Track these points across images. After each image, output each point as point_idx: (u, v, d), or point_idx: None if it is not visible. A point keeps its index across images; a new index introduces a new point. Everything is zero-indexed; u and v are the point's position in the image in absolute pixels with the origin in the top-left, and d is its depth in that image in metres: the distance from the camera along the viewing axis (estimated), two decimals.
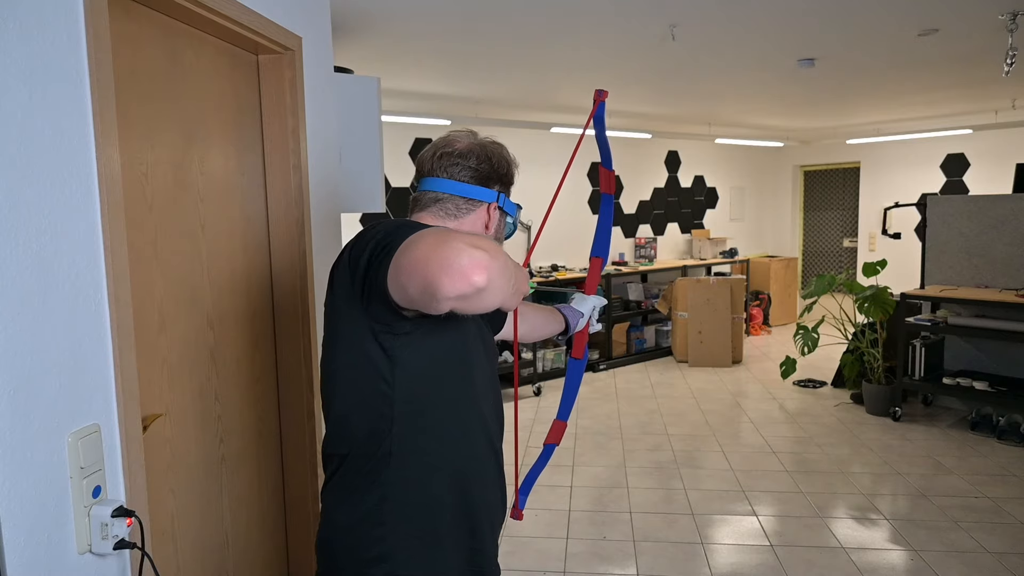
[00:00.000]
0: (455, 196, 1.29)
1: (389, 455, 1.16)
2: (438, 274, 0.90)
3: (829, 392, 5.85)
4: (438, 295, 0.91)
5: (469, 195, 1.29)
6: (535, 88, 5.21)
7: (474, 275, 0.89)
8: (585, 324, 1.76)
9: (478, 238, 0.96)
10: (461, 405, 1.24)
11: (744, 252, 9.13)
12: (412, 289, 0.97)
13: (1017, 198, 5.01)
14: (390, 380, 1.14)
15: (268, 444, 2.13)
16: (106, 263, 1.28)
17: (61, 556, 1.18)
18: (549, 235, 7.14)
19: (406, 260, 0.97)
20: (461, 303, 0.93)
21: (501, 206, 1.33)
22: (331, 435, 1.23)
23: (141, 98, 1.56)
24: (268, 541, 2.14)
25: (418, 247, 0.97)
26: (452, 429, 1.22)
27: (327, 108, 2.36)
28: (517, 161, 1.39)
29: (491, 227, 1.33)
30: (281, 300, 2.13)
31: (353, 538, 1.18)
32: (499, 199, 1.32)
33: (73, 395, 1.21)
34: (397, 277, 0.99)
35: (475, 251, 0.91)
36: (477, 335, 1.29)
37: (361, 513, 1.17)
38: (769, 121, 7.48)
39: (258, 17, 1.85)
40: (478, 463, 1.27)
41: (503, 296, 0.96)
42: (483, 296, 0.92)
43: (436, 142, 1.33)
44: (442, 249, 0.92)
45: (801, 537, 3.32)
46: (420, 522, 1.18)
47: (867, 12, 3.39)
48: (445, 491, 1.21)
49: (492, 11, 3.25)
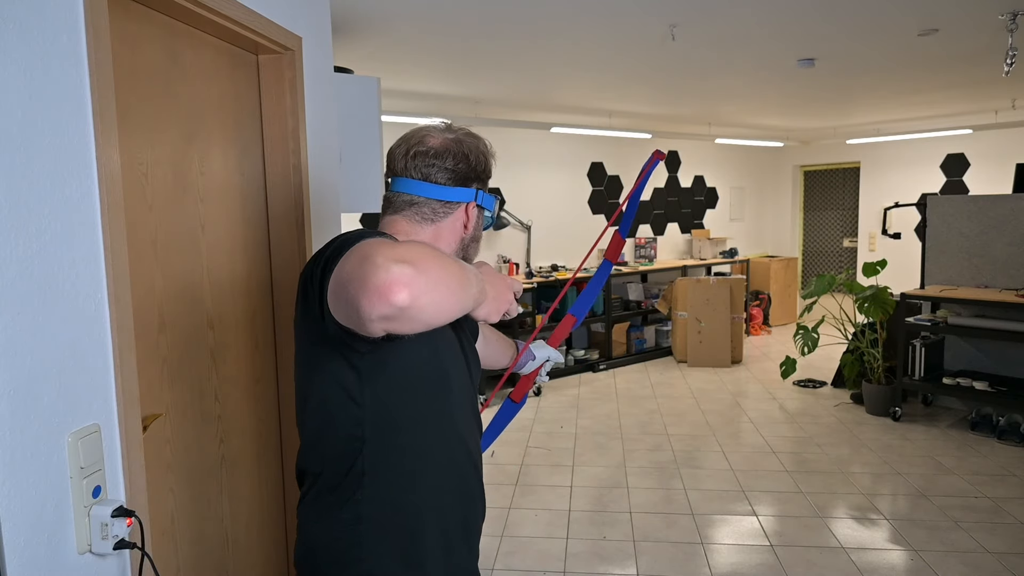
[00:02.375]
0: (431, 200, 1.20)
1: (362, 474, 1.10)
2: (358, 295, 0.83)
3: (829, 392, 5.85)
4: (362, 317, 0.84)
5: (447, 198, 1.20)
6: (535, 88, 5.21)
7: (393, 294, 0.81)
8: (534, 371, 1.67)
9: (409, 248, 0.88)
10: (437, 418, 1.16)
11: (744, 252, 9.13)
12: (341, 312, 0.90)
13: (1017, 198, 5.01)
14: (359, 399, 1.07)
15: (268, 444, 2.13)
16: (106, 263, 1.28)
17: (61, 556, 1.18)
18: (549, 235, 7.14)
19: (334, 280, 0.90)
20: (390, 324, 0.85)
21: (480, 204, 1.24)
22: (304, 451, 1.18)
23: (141, 98, 1.56)
24: (268, 541, 2.14)
25: (343, 266, 0.89)
26: (428, 444, 1.15)
27: (327, 108, 2.35)
28: (493, 150, 1.29)
29: (470, 226, 1.25)
30: (281, 300, 2.13)
31: (332, 557, 1.12)
32: (477, 197, 1.23)
33: (73, 395, 1.21)
34: (332, 299, 0.93)
35: (396, 266, 0.82)
36: (454, 339, 1.22)
37: (338, 532, 1.11)
38: (769, 121, 7.48)
39: (258, 17, 1.85)
40: (456, 477, 1.20)
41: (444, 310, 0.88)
42: (412, 315, 0.84)
43: (408, 136, 1.24)
44: (363, 267, 0.84)
45: (801, 537, 3.32)
46: (398, 541, 1.12)
47: (867, 12, 3.39)
48: (422, 509, 1.14)
49: (492, 11, 3.25)
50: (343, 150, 2.63)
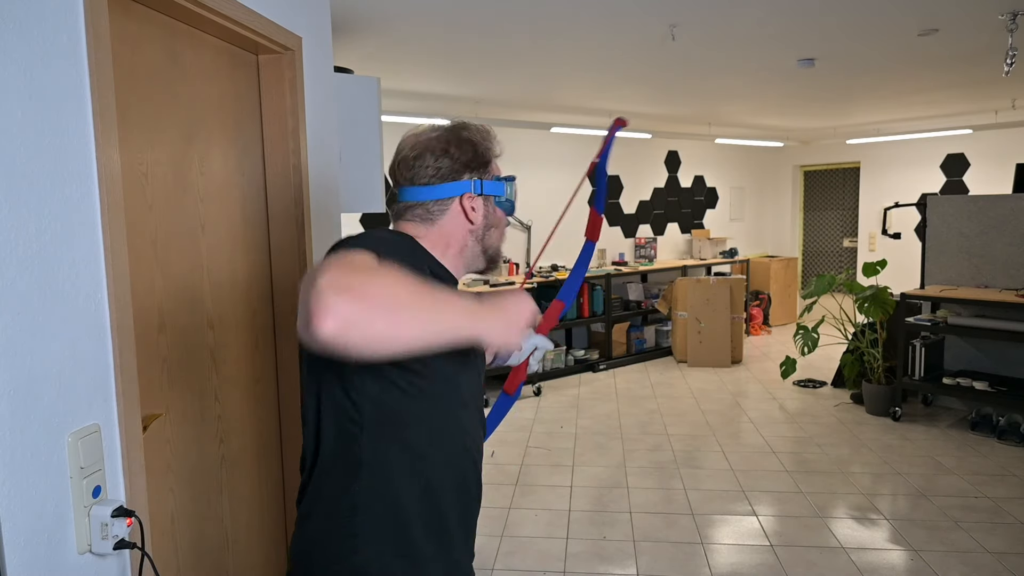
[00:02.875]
0: (425, 201, 1.20)
1: (359, 464, 1.09)
2: (299, 316, 0.81)
3: (829, 392, 5.85)
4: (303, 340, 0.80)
5: (437, 196, 1.20)
6: (535, 88, 5.21)
7: (319, 323, 0.78)
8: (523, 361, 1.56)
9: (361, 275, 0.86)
10: (442, 415, 1.15)
11: (744, 252, 9.13)
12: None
13: (1017, 198, 5.01)
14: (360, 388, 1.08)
15: (268, 444, 2.13)
16: (106, 263, 1.28)
17: (61, 556, 1.18)
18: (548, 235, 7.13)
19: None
20: (330, 350, 0.81)
21: (480, 193, 1.22)
22: (304, 439, 1.18)
23: (141, 98, 1.56)
24: (268, 541, 2.14)
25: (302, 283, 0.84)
26: (430, 439, 1.13)
27: (327, 108, 2.35)
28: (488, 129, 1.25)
29: (476, 218, 1.22)
30: (281, 300, 2.13)
31: (328, 548, 1.11)
32: (473, 187, 1.21)
33: (73, 395, 1.21)
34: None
35: (331, 295, 0.79)
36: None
37: (333, 524, 1.10)
38: (769, 121, 7.48)
39: (258, 17, 1.85)
40: (457, 473, 1.18)
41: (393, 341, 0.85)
42: (346, 345, 0.80)
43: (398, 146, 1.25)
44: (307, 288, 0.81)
45: (801, 537, 3.32)
46: (394, 536, 1.10)
47: (867, 12, 3.39)
48: (421, 503, 1.12)
49: (492, 11, 3.25)
50: (343, 150, 2.63)
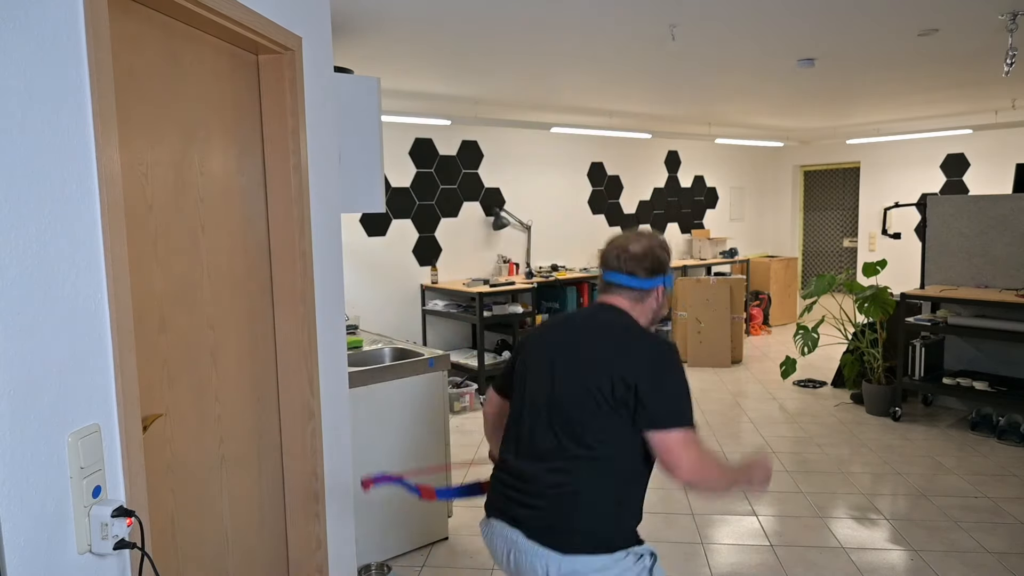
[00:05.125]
0: (635, 288, 1.76)
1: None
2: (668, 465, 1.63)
3: (829, 392, 5.85)
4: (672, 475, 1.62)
5: (646, 286, 1.77)
6: (535, 88, 5.21)
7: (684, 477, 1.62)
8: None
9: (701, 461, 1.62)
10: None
11: (744, 252, 9.13)
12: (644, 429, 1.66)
13: (1017, 198, 5.01)
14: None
15: (268, 444, 2.13)
16: (106, 263, 1.28)
17: (61, 556, 1.18)
18: (549, 235, 7.14)
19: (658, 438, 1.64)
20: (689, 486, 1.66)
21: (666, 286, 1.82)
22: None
23: (141, 98, 1.56)
24: (268, 541, 2.14)
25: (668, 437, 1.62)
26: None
27: (327, 108, 2.35)
28: (668, 246, 1.84)
29: (660, 299, 1.81)
30: (281, 300, 2.13)
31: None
32: (665, 283, 1.80)
33: (73, 395, 1.21)
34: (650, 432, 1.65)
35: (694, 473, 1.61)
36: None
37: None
38: (769, 121, 7.49)
39: (258, 17, 1.85)
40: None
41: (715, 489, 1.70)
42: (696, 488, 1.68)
43: (617, 242, 1.79)
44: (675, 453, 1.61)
45: (801, 537, 3.32)
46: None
47: (867, 12, 3.39)
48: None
49: (492, 11, 3.25)
50: (343, 150, 2.63)
